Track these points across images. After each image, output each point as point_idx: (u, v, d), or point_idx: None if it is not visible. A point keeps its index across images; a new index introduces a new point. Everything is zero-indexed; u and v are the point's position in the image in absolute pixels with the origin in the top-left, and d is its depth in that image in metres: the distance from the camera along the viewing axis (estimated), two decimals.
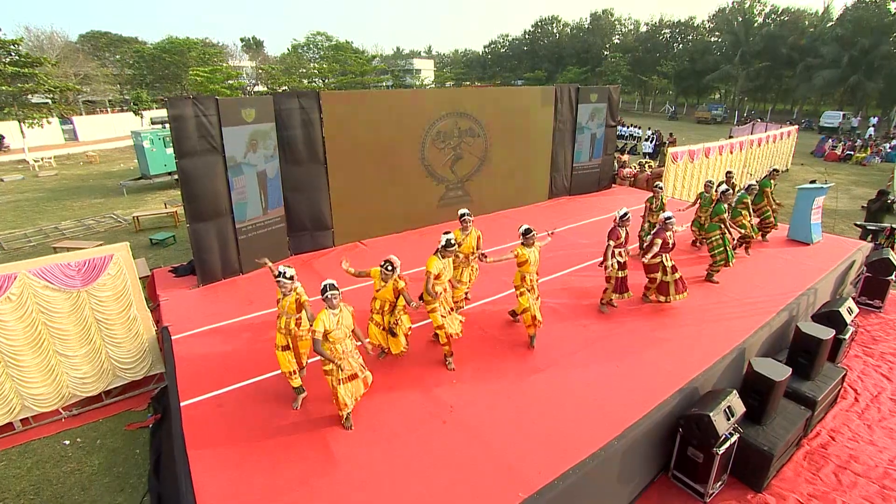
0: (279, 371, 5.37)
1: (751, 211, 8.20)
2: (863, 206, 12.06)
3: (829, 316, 6.15)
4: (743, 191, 8.21)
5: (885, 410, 5.81)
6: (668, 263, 6.43)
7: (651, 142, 23.47)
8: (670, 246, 6.38)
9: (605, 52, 57.09)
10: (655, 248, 6.23)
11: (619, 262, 6.34)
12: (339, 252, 8.87)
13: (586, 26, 61.31)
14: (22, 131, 23.65)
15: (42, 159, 24.16)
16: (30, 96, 23.70)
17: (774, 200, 8.77)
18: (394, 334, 5.29)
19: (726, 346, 5.64)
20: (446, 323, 5.20)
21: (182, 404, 4.85)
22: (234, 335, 6.23)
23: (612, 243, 6.24)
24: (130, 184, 18.07)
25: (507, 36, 73.74)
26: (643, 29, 57.59)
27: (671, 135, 23.39)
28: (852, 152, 23.25)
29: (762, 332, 6.07)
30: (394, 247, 9.09)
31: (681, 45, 53.28)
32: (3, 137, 28.11)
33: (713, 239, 7.38)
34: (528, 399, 4.85)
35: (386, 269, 4.95)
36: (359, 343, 4.56)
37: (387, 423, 4.54)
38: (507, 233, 9.80)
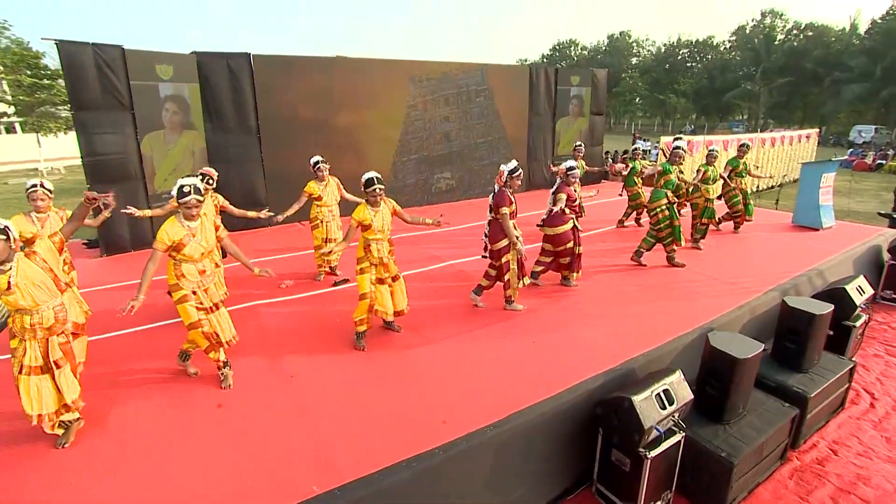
0: None
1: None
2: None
3: (830, 294, 4.76)
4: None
5: None
6: (578, 227, 5.29)
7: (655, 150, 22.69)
8: (575, 204, 5.24)
9: (624, 75, 56.18)
10: (561, 203, 5.01)
11: (520, 250, 4.67)
12: (272, 232, 7.93)
13: (604, 48, 60.87)
14: (38, 141, 24.37)
15: (52, 168, 24.93)
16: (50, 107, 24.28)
17: (747, 172, 7.54)
18: None
19: (687, 326, 4.34)
20: (205, 320, 3.41)
21: None
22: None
23: (562, 200, 5.04)
24: None
25: (525, 60, 74.01)
26: (661, 49, 56.68)
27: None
28: (884, 161, 21.38)
29: (740, 313, 4.73)
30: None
31: (699, 64, 51.98)
32: None
33: (658, 210, 5.96)
34: (375, 377, 3.65)
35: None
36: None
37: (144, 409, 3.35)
38: (473, 215, 8.81)
